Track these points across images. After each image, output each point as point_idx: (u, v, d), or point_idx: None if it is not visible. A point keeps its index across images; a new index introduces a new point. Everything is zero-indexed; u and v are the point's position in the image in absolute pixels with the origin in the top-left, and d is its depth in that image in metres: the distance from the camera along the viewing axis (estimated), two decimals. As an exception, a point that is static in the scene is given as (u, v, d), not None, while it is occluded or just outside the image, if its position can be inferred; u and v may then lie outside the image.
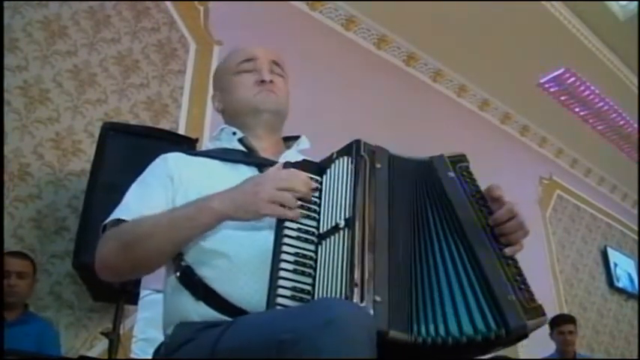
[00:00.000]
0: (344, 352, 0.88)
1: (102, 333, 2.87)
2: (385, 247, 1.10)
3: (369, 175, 1.17)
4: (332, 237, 1.12)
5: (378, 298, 1.02)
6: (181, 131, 4.03)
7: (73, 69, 3.73)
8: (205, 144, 1.76)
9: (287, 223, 1.15)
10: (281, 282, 1.08)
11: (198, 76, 4.36)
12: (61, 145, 3.51)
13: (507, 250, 1.15)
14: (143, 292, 2.06)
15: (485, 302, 1.04)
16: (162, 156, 1.47)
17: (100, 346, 3.20)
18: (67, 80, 3.68)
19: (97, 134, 3.21)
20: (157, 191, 1.37)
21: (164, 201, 1.36)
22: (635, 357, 7.50)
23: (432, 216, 1.19)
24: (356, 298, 1.01)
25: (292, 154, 1.51)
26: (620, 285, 8.13)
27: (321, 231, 1.15)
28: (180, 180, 1.38)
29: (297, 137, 1.60)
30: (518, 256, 1.18)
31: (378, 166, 1.20)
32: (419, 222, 1.18)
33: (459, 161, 1.28)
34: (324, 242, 1.13)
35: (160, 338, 1.53)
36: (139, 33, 4.18)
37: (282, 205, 1.16)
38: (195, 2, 4.61)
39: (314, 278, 1.09)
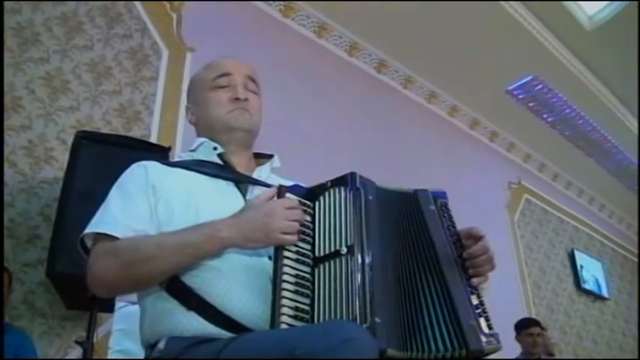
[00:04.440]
0: None
1: (76, 342, 2.86)
2: (380, 273, 1.19)
3: (364, 206, 1.25)
4: (332, 261, 1.20)
5: (377, 320, 1.11)
6: (154, 138, 4.03)
7: (46, 76, 3.72)
8: (178, 154, 1.77)
9: (286, 246, 1.22)
10: (284, 302, 1.15)
11: (171, 82, 4.36)
12: (34, 153, 3.49)
13: (475, 281, 1.26)
14: (119, 304, 2.07)
15: (452, 327, 1.16)
16: (140, 163, 1.47)
17: (74, 355, 3.20)
18: (40, 87, 3.66)
19: (69, 142, 3.20)
20: (141, 202, 1.38)
21: (148, 212, 1.37)
22: (602, 357, 7.68)
23: (416, 247, 1.27)
24: (360, 319, 1.10)
25: (265, 171, 1.55)
26: (586, 287, 8.26)
27: (316, 254, 1.23)
28: (162, 189, 1.39)
29: (268, 155, 1.62)
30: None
31: (371, 197, 1.28)
32: (405, 251, 1.27)
33: (439, 197, 1.37)
34: (321, 266, 1.21)
35: (136, 350, 1.54)
36: (111, 40, 4.17)
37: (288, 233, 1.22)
38: (168, 9, 4.61)
39: (312, 299, 1.17)
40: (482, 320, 1.19)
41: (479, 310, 1.21)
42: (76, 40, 3.97)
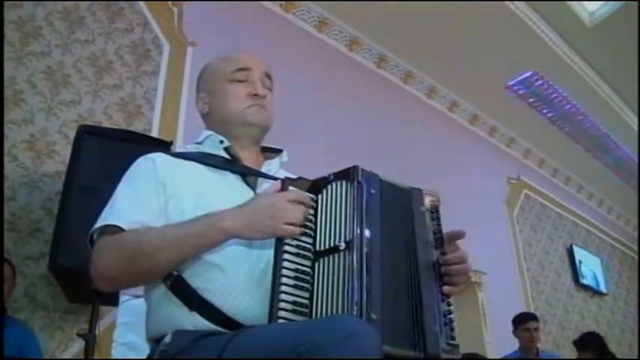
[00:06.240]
0: None
1: (78, 334, 2.88)
2: (378, 269, 1.19)
3: (366, 200, 1.25)
4: (331, 256, 1.20)
5: (374, 316, 1.12)
6: (155, 132, 4.04)
7: (47, 70, 3.73)
8: (183, 145, 1.75)
9: (287, 240, 1.22)
10: (283, 296, 1.15)
11: (172, 77, 4.37)
12: (36, 147, 3.50)
13: (446, 289, 1.28)
14: (123, 298, 2.08)
15: (417, 330, 1.20)
16: (147, 157, 1.45)
17: (76, 347, 3.22)
18: (41, 81, 3.67)
19: (71, 136, 3.21)
20: (149, 196, 1.36)
21: (157, 206, 1.35)
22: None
23: (404, 246, 1.29)
24: (356, 315, 1.10)
25: (274, 165, 1.55)
26: (585, 282, 8.30)
27: (317, 248, 1.23)
28: (173, 188, 1.37)
29: (276, 149, 1.62)
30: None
31: (373, 192, 1.28)
32: (397, 249, 1.28)
33: (432, 198, 1.38)
34: (321, 260, 1.21)
35: (141, 343, 1.54)
36: (112, 34, 4.19)
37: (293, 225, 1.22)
38: (169, 3, 4.62)
39: (311, 293, 1.18)
40: (446, 329, 1.23)
41: (445, 318, 1.24)
42: (77, 35, 3.98)
